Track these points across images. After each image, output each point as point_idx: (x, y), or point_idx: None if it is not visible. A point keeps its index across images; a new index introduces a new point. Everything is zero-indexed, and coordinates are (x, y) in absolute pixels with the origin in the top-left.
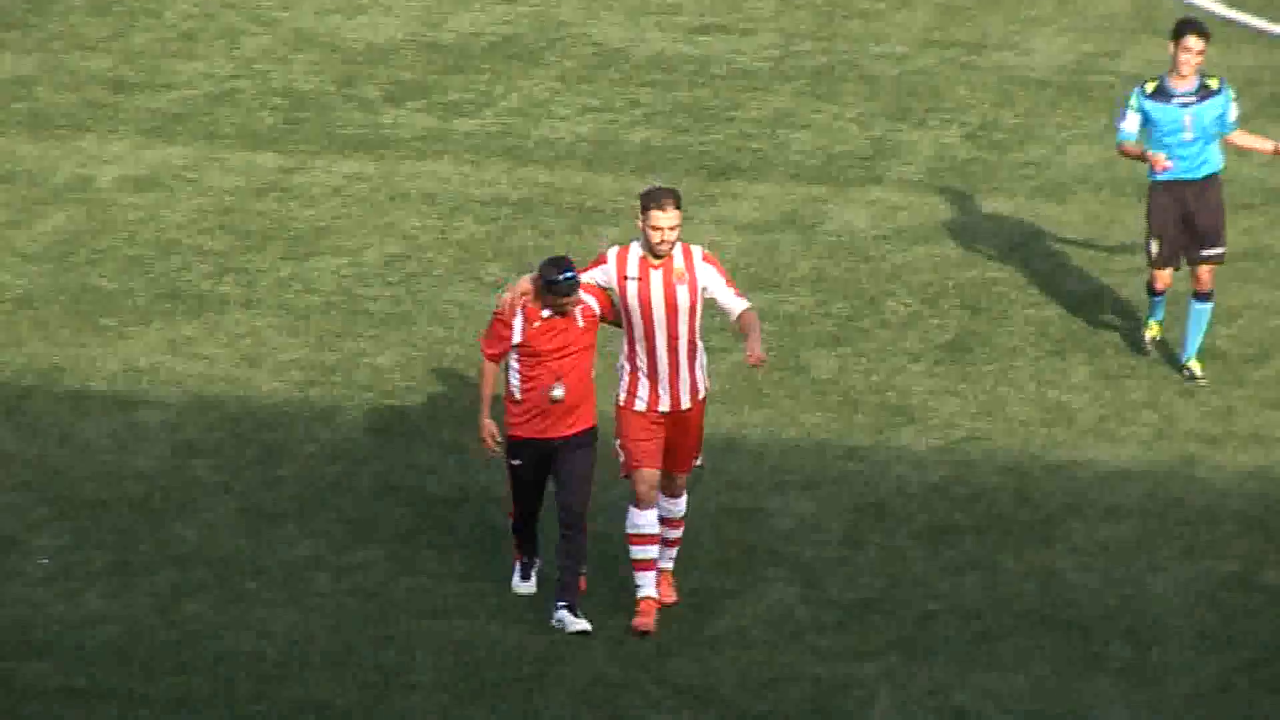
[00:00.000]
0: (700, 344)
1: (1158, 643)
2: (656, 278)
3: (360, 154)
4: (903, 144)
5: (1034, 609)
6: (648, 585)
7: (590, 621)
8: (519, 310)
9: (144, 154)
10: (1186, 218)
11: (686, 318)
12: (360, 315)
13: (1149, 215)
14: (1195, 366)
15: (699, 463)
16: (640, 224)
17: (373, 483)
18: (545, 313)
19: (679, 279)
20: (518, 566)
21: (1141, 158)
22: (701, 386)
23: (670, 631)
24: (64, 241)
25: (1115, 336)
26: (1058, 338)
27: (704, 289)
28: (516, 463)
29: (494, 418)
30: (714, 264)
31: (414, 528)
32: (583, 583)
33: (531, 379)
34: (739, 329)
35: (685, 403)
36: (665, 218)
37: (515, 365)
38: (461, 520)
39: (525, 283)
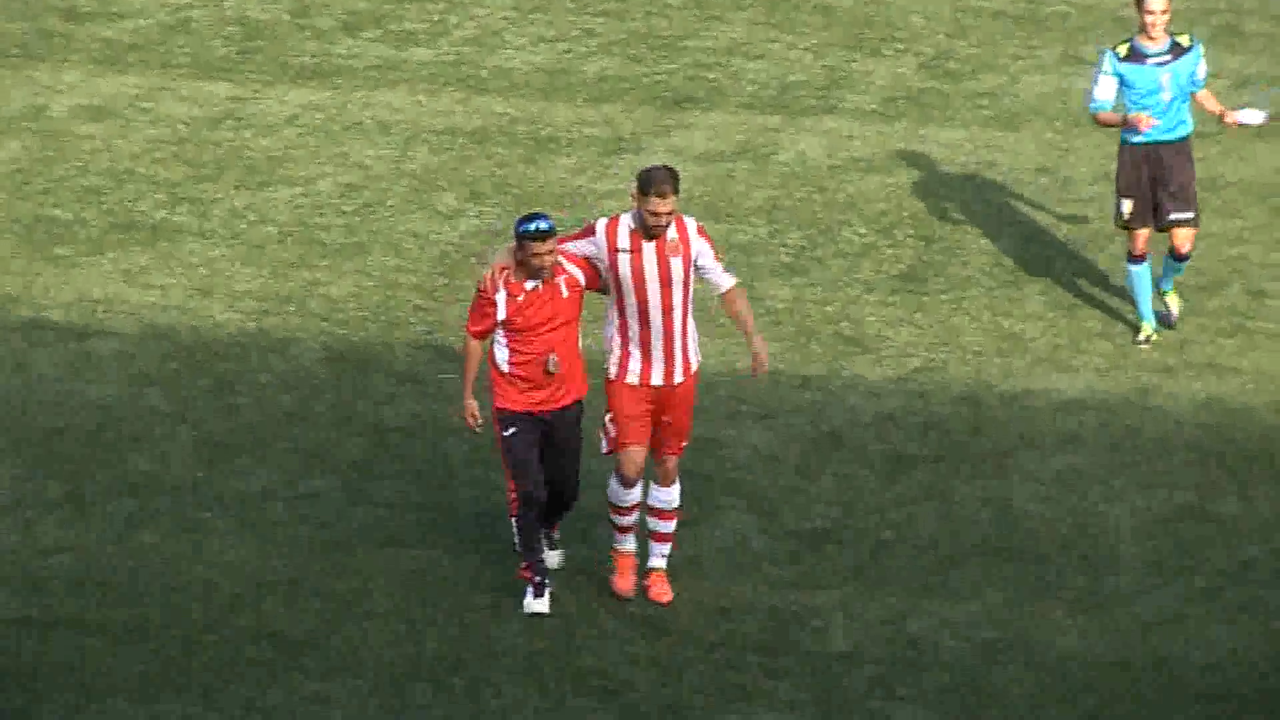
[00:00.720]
0: (692, 318)
1: (1112, 572)
2: (649, 249)
3: (314, 83)
4: (857, 74)
5: (988, 538)
6: (625, 543)
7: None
8: (500, 285)
9: (98, 83)
10: (1158, 180)
11: (681, 290)
12: (315, 245)
13: (1119, 176)
14: (1171, 300)
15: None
16: (634, 203)
17: (328, 412)
18: (529, 285)
19: (673, 251)
20: (530, 589)
21: (1123, 124)
22: (694, 360)
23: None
24: (18, 171)
25: (1069, 266)
26: (1012, 268)
27: (697, 261)
28: (511, 430)
29: (477, 395)
30: (706, 237)
31: (369, 457)
32: (555, 526)
33: (521, 354)
34: (731, 313)
35: (679, 376)
36: (664, 204)
37: (503, 341)
38: (417, 450)
39: (504, 256)
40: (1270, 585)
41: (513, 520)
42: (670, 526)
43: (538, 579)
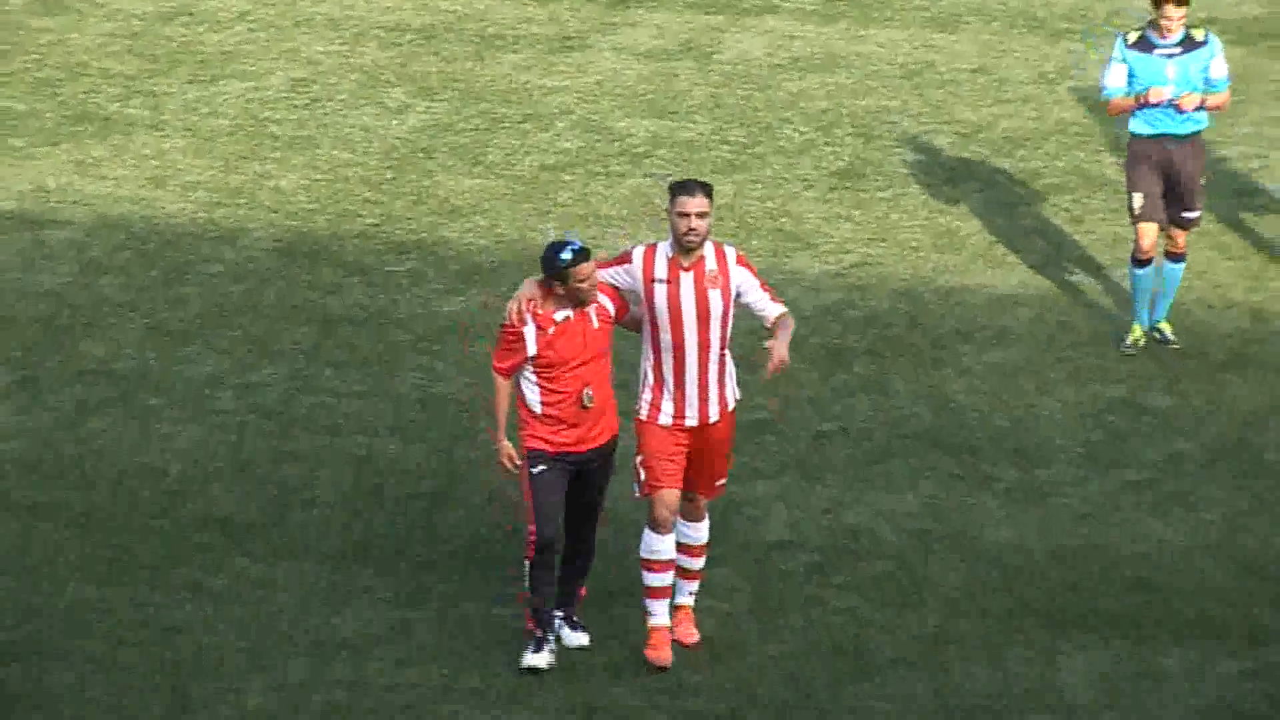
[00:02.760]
0: (729, 352)
1: (1045, 463)
2: (687, 280)
3: None
4: None
5: (925, 430)
6: (661, 614)
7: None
8: (529, 318)
9: None
10: (1168, 175)
11: (719, 325)
12: (265, 139)
13: (1129, 168)
14: (1166, 328)
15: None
16: (669, 217)
17: (276, 302)
18: (559, 316)
19: (711, 282)
20: (530, 643)
21: (1137, 105)
22: (731, 398)
23: None
24: None
25: (1006, 163)
26: (949, 165)
27: (738, 293)
28: (541, 469)
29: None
30: (748, 266)
31: (315, 346)
32: (583, 591)
33: (553, 391)
34: (772, 327)
35: (714, 415)
36: (694, 203)
37: (532, 379)
38: (362, 339)
39: (530, 286)
40: (1199, 477)
41: (527, 563)
42: (699, 564)
43: (540, 634)
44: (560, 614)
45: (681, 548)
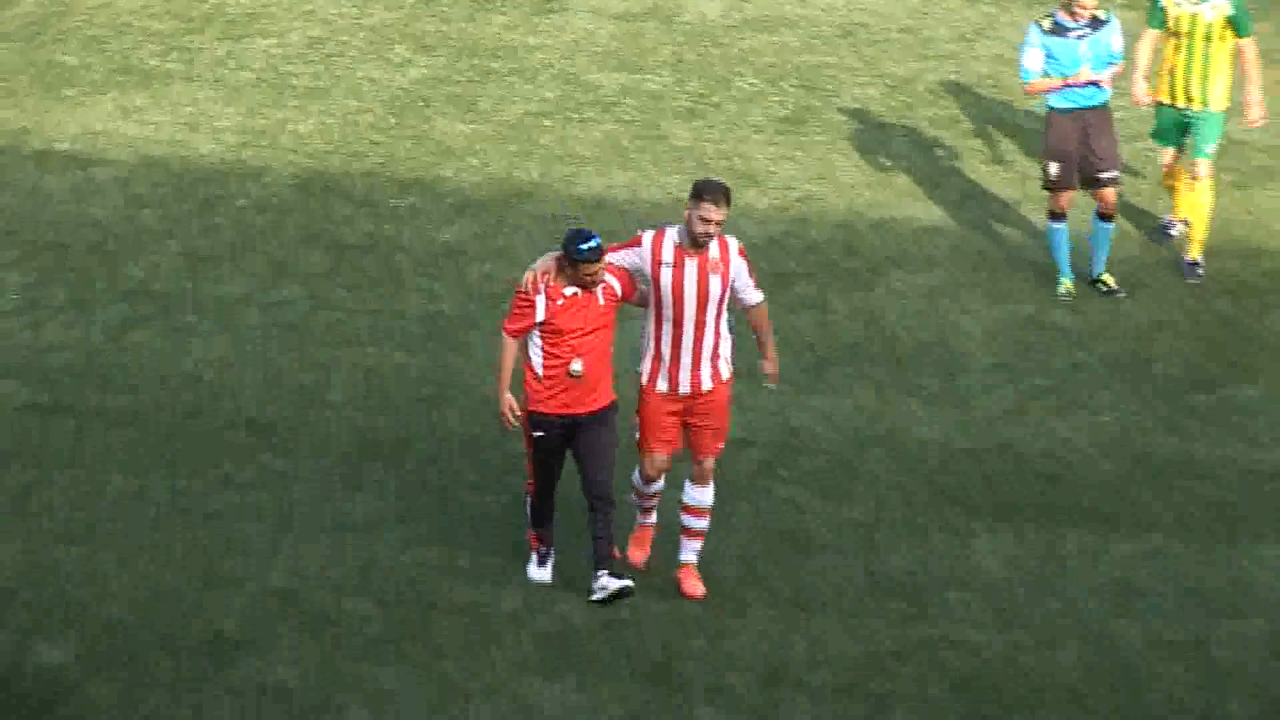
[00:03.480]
0: (725, 330)
1: (964, 372)
2: (692, 266)
3: None
4: None
5: (859, 343)
6: (648, 518)
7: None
8: (541, 289)
9: None
10: (1084, 142)
11: (716, 307)
12: (285, 89)
13: (1047, 139)
14: (1108, 280)
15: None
16: (688, 211)
17: (295, 231)
18: (568, 291)
19: (714, 269)
20: (534, 556)
21: (1061, 86)
22: (725, 370)
23: None
24: (32, 24)
25: (930, 112)
26: (880, 114)
27: (734, 281)
28: (539, 434)
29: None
30: (746, 259)
31: (330, 269)
32: (614, 550)
33: (554, 356)
34: (754, 326)
35: (706, 384)
36: (716, 212)
37: (538, 343)
38: (370, 263)
39: (548, 261)
40: (1097, 384)
41: (528, 500)
42: (704, 524)
43: (543, 549)
44: (600, 573)
45: (688, 509)
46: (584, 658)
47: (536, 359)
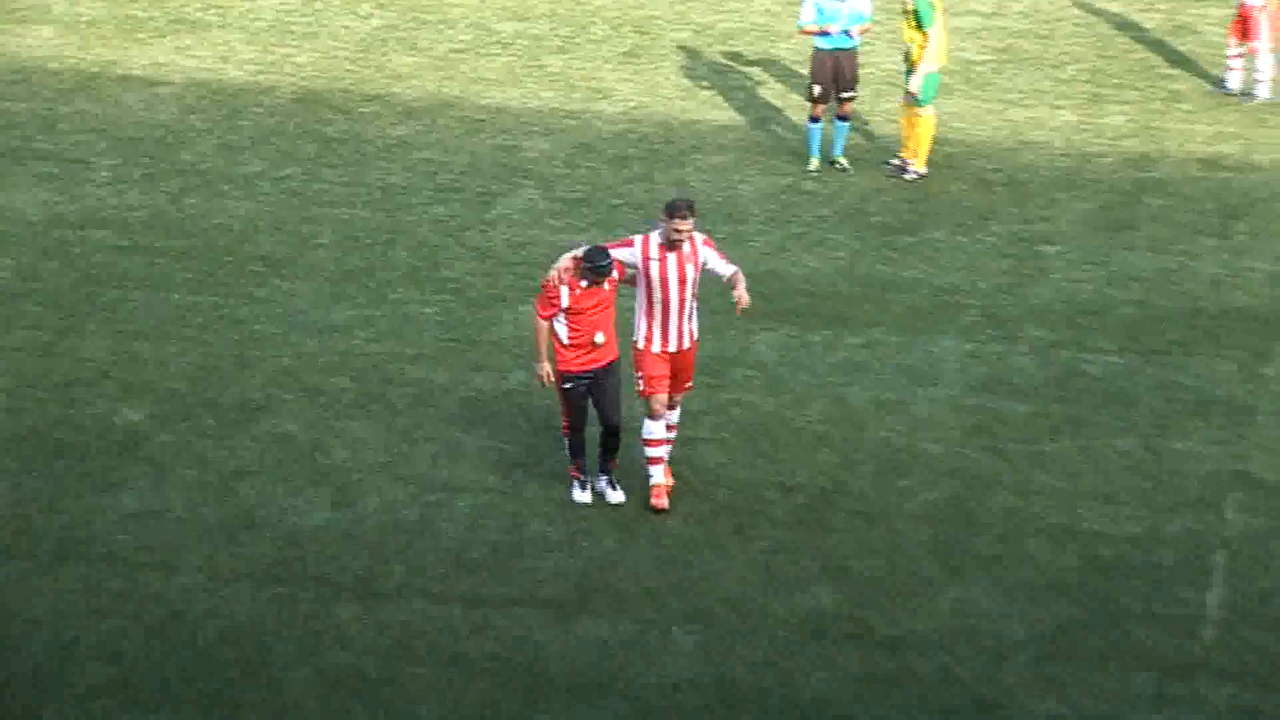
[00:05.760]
0: (694, 302)
1: (744, 222)
2: (672, 259)
3: None
4: None
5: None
6: (658, 475)
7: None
8: (564, 282)
9: None
10: (836, 73)
11: (691, 287)
12: (288, 33)
13: (812, 69)
14: (843, 160)
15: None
16: (665, 224)
17: (295, 129)
18: (583, 283)
19: (688, 259)
20: (575, 483)
21: (819, 32)
22: (695, 333)
23: (463, 217)
24: None
25: (724, 47)
26: (693, 48)
27: (704, 264)
28: (569, 386)
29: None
30: (711, 245)
31: (319, 155)
32: (614, 463)
33: (576, 330)
34: (731, 282)
35: (686, 343)
36: (685, 224)
37: (564, 321)
38: (347, 150)
39: (567, 261)
40: (834, 230)
41: (565, 438)
42: (672, 434)
43: (582, 477)
44: (604, 478)
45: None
46: (493, 416)
47: (563, 333)
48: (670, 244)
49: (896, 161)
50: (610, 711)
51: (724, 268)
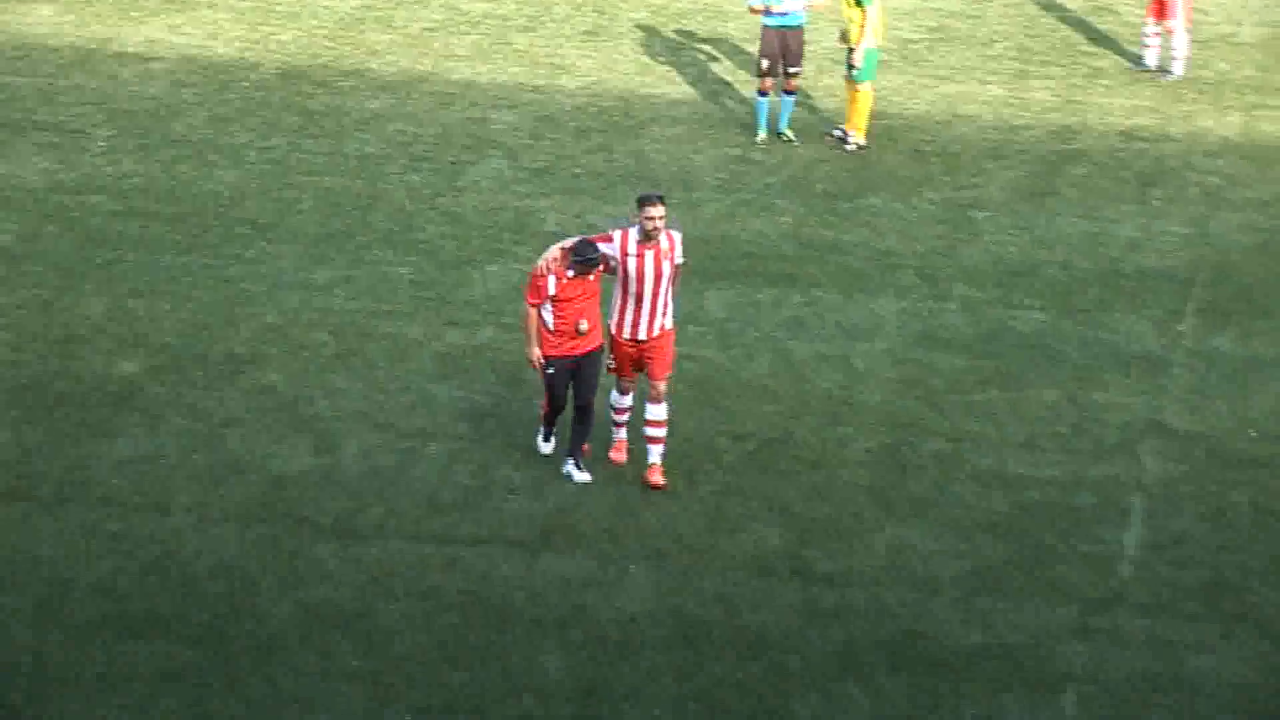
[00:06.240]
0: (669, 296)
1: (698, 189)
2: (649, 255)
3: None
4: None
5: (631, 173)
6: (620, 432)
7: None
8: (551, 272)
9: None
10: (784, 49)
11: (667, 282)
12: (272, 12)
13: (761, 45)
14: (789, 133)
15: None
16: (639, 217)
17: (279, 102)
18: (569, 274)
19: (664, 256)
20: (541, 432)
21: (764, 11)
22: (669, 322)
23: (435, 184)
24: None
25: (679, 25)
26: (652, 26)
27: (678, 260)
28: (550, 371)
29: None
30: (681, 244)
31: (301, 126)
32: (587, 448)
33: (562, 317)
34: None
35: (655, 332)
36: (656, 211)
37: (550, 309)
38: (327, 123)
39: (556, 252)
40: (779, 196)
41: (541, 414)
42: (663, 433)
43: (547, 430)
44: (571, 460)
45: (650, 423)
46: (466, 369)
47: (549, 319)
48: (646, 236)
49: (838, 133)
50: (572, 642)
51: (679, 256)
